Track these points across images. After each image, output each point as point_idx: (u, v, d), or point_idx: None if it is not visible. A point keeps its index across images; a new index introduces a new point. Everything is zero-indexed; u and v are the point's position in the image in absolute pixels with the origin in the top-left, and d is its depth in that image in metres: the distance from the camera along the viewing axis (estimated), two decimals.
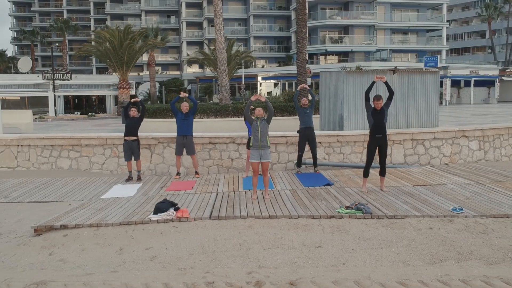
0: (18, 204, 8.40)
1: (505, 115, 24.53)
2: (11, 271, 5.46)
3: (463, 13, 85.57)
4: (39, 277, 5.21)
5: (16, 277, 5.24)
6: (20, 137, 11.59)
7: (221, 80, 18.50)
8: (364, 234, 6.09)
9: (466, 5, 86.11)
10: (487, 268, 5.20)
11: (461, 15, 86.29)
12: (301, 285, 4.76)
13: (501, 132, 12.66)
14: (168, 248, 5.82)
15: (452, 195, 7.81)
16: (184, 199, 7.87)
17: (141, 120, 10.31)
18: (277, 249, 5.69)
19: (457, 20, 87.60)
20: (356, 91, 11.80)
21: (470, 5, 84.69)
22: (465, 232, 6.19)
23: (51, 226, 6.43)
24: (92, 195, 8.72)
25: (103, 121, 23.62)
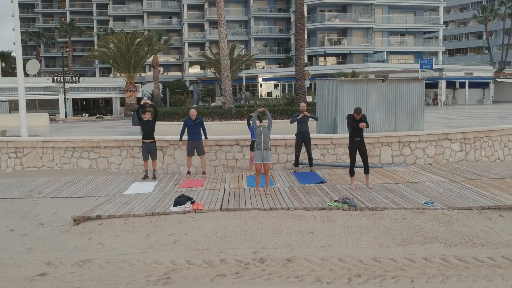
0: (51, 199, 9.64)
1: (494, 116, 25.73)
2: (60, 252, 6.70)
3: (460, 14, 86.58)
4: (84, 257, 6.45)
5: (66, 257, 6.49)
6: (45, 140, 12.83)
7: (225, 85, 19.76)
8: (348, 223, 7.34)
9: (463, 6, 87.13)
10: (446, 249, 6.45)
11: (459, 16, 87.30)
12: (295, 261, 6.01)
13: (481, 135, 13.89)
14: (187, 234, 7.07)
15: (428, 191, 9.06)
16: (197, 195, 9.11)
17: (155, 122, 11.42)
18: (277, 234, 6.95)
19: (455, 21, 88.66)
20: (349, 98, 13.03)
21: (468, 6, 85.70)
22: (433, 221, 7.44)
23: (88, 216, 7.69)
24: (114, 191, 9.96)
25: (112, 123, 24.86)
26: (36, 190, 10.25)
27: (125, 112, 28.28)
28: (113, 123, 24.55)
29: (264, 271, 5.76)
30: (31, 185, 10.82)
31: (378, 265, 5.90)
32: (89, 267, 6.10)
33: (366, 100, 13.18)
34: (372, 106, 13.22)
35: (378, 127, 13.27)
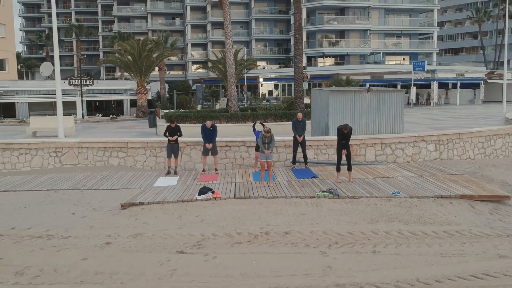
0: (95, 190, 11.90)
1: (478, 118, 27.94)
2: (116, 228, 8.98)
3: (456, 14, 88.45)
4: (135, 231, 8.73)
5: (121, 231, 8.76)
6: (80, 141, 15.08)
7: (231, 91, 21.98)
8: (332, 207, 9.61)
9: (459, 7, 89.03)
10: (403, 226, 8.73)
11: (455, 16, 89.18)
12: (291, 233, 8.28)
13: (453, 137, 16.13)
14: (210, 215, 9.34)
15: (398, 184, 11.32)
16: (214, 186, 11.36)
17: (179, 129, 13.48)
18: (278, 215, 9.22)
19: (451, 21, 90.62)
20: (338, 106, 15.28)
21: (463, 7, 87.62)
22: (397, 207, 9.71)
23: (132, 202, 9.96)
24: (145, 184, 12.22)
25: (126, 123, 27.10)
26: (80, 183, 12.51)
27: (137, 113, 30.51)
28: (128, 124, 26.78)
29: (269, 240, 8.04)
30: (74, 179, 13.08)
31: (351, 236, 8.18)
32: (140, 238, 8.38)
33: (353, 108, 15.44)
34: (359, 112, 15.47)
35: (364, 130, 15.52)
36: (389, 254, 7.52)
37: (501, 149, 17.33)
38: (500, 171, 13.95)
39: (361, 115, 15.44)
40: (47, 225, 9.33)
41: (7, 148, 14.91)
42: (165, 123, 21.23)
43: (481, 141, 16.77)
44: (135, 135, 20.76)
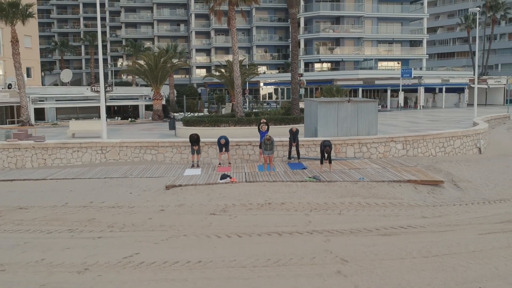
0: (140, 178, 15.88)
1: (452, 121, 31.94)
2: (164, 202, 12.99)
3: (448, 20, 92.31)
4: (178, 203, 12.74)
5: (169, 203, 12.77)
6: (121, 141, 19.07)
7: (237, 99, 25.97)
8: (315, 188, 13.62)
9: (451, 13, 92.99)
10: (362, 199, 12.74)
11: (447, 22, 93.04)
12: (285, 204, 12.31)
13: (418, 138, 20.11)
14: (229, 193, 13.36)
15: (365, 173, 15.32)
16: (230, 174, 15.35)
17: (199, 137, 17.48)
18: (276, 193, 13.24)
19: (443, 26, 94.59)
20: (325, 113, 19.28)
21: (455, 13, 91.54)
22: (361, 188, 13.72)
23: (173, 185, 13.97)
24: (177, 174, 16.20)
25: (145, 126, 31.07)
26: (127, 173, 16.51)
27: (153, 116, 34.50)
28: (147, 126, 30.76)
29: (270, 207, 12.07)
30: (121, 170, 17.07)
31: (325, 205, 12.20)
32: (183, 207, 12.39)
33: (337, 115, 19.44)
34: (342, 118, 19.48)
35: (345, 133, 19.52)
36: (349, 215, 11.55)
37: (459, 148, 21.31)
38: (450, 165, 17.95)
39: (343, 121, 19.45)
40: (115, 200, 13.34)
41: (63, 146, 18.91)
42: (182, 126, 25.19)
43: (442, 142, 20.74)
44: (157, 136, 24.71)
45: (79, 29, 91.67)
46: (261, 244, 9.71)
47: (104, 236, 10.48)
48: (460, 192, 14.14)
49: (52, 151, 18.84)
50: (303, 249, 9.41)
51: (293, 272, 8.42)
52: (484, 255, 9.39)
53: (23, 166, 18.72)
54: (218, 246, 9.64)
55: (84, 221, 11.52)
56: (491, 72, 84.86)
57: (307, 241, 9.88)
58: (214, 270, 8.55)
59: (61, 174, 16.75)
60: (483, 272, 8.58)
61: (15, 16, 27.76)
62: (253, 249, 9.45)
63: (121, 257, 9.20)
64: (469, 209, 12.47)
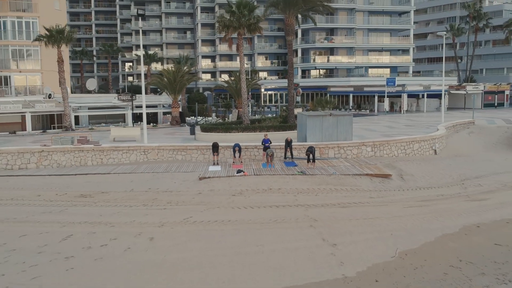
0: (178, 173, 22.12)
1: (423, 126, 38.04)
2: (199, 188, 19.30)
3: (437, 27, 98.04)
4: (209, 188, 19.05)
5: (203, 189, 19.09)
6: (159, 145, 25.30)
7: (244, 109, 32.12)
8: (302, 179, 19.92)
9: (440, 20, 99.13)
10: (333, 186, 19.06)
11: (436, 29, 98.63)
12: (281, 189, 18.66)
13: (384, 143, 26.32)
14: (243, 183, 19.66)
15: (338, 169, 21.55)
16: (243, 170, 21.57)
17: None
18: (275, 182, 19.59)
19: (433, 33, 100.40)
20: (313, 124, 25.49)
21: (444, 20, 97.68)
22: (333, 179, 20.01)
23: (204, 177, 20.26)
24: (203, 170, 22.40)
25: (166, 130, 37.24)
26: (167, 169, 22.74)
27: (171, 121, 40.72)
28: (168, 131, 36.93)
29: (271, 191, 18.39)
30: (162, 167, 23.30)
31: (307, 190, 18.50)
32: (213, 191, 18.69)
33: (322, 125, 25.66)
34: (325, 128, 25.70)
35: (328, 139, 25.72)
36: (322, 196, 17.83)
37: (418, 150, 27.52)
38: (404, 164, 24.17)
39: (326, 130, 25.68)
40: (165, 187, 19.57)
41: (115, 149, 25.17)
42: (200, 131, 31.29)
43: (403, 145, 26.98)
44: (180, 140, 30.83)
45: (91, 35, 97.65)
46: (265, 212, 15.99)
47: (167, 208, 16.76)
48: (402, 182, 20.42)
49: (107, 153, 25.10)
50: (291, 215, 15.69)
51: (285, 226, 14.72)
52: (401, 219, 15.68)
53: (85, 164, 24.96)
54: (239, 213, 15.92)
55: (150, 200, 17.79)
56: (476, 76, 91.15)
57: (294, 211, 16.16)
58: (238, 225, 14.86)
59: (119, 169, 23.03)
60: (397, 226, 14.87)
61: (61, 40, 33.95)
62: (261, 215, 15.73)
63: (181, 219, 15.49)
64: (403, 193, 18.76)
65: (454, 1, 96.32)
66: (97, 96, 44.10)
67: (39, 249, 13.25)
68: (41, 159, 24.50)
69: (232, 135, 28.96)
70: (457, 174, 22.51)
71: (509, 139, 33.76)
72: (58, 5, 46.79)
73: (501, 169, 24.52)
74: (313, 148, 22.20)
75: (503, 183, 21.17)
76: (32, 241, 13.90)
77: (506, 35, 71.90)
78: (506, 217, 16.35)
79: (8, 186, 20.55)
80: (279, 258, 12.44)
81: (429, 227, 14.88)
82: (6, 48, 42.79)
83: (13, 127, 36.79)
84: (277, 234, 14.07)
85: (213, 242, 13.58)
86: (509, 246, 13.75)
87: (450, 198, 18.42)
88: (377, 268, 12.08)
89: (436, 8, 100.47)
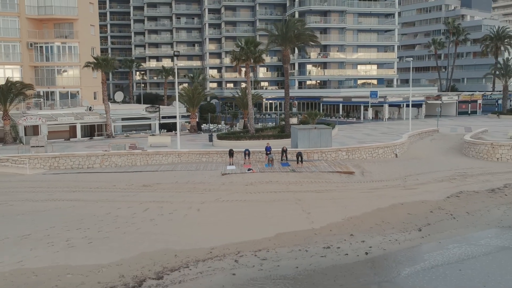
0: (205, 170, 31.18)
1: (395, 134, 47.02)
2: (223, 180, 28.42)
3: (424, 39, 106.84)
4: (230, 181, 28.22)
5: (225, 181, 28.23)
6: (189, 150, 34.32)
7: (250, 121, 41.08)
8: (292, 175, 29.05)
9: (427, 32, 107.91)
10: (313, 179, 28.16)
11: (423, 40, 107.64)
12: (278, 182, 27.81)
13: (355, 148, 35.33)
14: (252, 177, 28.79)
15: (319, 168, 30.58)
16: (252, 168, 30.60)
17: None
18: (274, 177, 28.74)
19: (421, 44, 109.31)
20: (302, 135, 34.54)
21: (430, 32, 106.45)
22: (314, 175, 29.10)
23: (225, 173, 29.38)
24: (223, 168, 31.39)
25: (188, 137, 46.20)
26: (197, 168, 31.79)
27: (189, 129, 49.78)
28: (188, 137, 45.91)
29: (271, 183, 27.53)
30: (193, 166, 32.35)
31: (296, 182, 27.63)
32: (232, 183, 27.78)
33: (309, 135, 34.71)
34: (311, 137, 34.75)
35: (313, 145, 34.74)
36: (305, 186, 26.95)
37: (382, 154, 36.53)
38: (368, 164, 33.18)
39: (312, 139, 34.72)
40: (200, 180, 28.64)
41: (157, 153, 34.22)
42: (216, 139, 40.21)
43: (370, 150, 36.02)
44: (200, 146, 39.75)
45: (106, 46, 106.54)
46: (267, 195, 25.08)
47: (204, 193, 25.84)
48: (362, 177, 29.45)
49: (151, 156, 34.15)
50: (283, 197, 24.80)
51: (280, 203, 23.86)
52: (354, 199, 24.73)
53: (135, 164, 33.95)
54: (250, 196, 24.99)
55: (191, 188, 26.84)
56: (458, 84, 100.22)
57: (286, 195, 25.26)
58: (249, 202, 24.00)
59: (162, 168, 32.09)
60: (350, 204, 23.97)
61: (107, 66, 43.06)
62: (264, 197, 24.84)
63: (214, 199, 24.59)
64: (360, 184, 27.80)
65: (438, 16, 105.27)
66: (129, 108, 53.14)
67: (132, 215, 22.32)
68: (103, 161, 33.54)
69: (241, 142, 37.97)
70: (404, 172, 31.50)
71: (460, 145, 42.70)
72: (93, 31, 55.90)
73: (441, 168, 33.47)
74: (301, 152, 31.30)
75: (435, 178, 30.18)
76: (125, 211, 22.96)
77: (482, 49, 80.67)
78: (423, 199, 25.42)
79: (89, 179, 29.60)
80: (276, 220, 21.53)
81: (369, 204, 23.95)
82: (53, 68, 51.88)
83: (63, 135, 45.79)
84: (274, 207, 23.17)
85: (235, 212, 22.69)
86: (416, 215, 22.85)
87: (391, 188, 27.49)
88: (332, 224, 21.19)
89: (423, 21, 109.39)
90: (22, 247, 18.32)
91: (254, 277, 16.28)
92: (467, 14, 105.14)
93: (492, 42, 77.79)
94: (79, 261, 17.14)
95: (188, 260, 17.40)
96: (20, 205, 24.06)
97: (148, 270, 16.55)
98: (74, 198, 25.43)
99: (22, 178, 30.11)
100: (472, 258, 18.09)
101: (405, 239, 19.91)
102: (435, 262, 17.63)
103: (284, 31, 39.82)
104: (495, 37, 77.38)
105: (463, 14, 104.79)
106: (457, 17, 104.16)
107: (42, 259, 17.24)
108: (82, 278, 15.96)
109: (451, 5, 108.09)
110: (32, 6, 50.10)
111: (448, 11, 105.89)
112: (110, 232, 20.08)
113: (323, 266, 17.21)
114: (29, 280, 15.68)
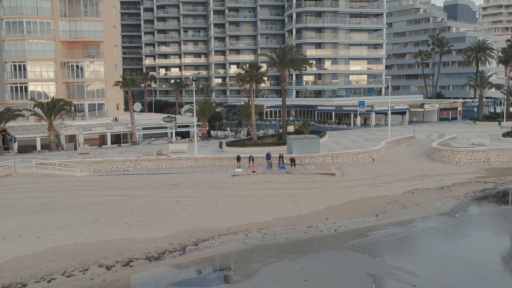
0: (218, 172, 39.40)
1: (377, 140, 55.21)
2: (233, 180, 36.68)
3: (414, 48, 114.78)
4: (238, 180, 36.51)
5: (235, 181, 36.48)
6: (205, 156, 42.57)
7: (253, 129, 49.27)
8: (287, 176, 37.34)
9: (417, 42, 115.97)
10: (302, 179, 36.43)
11: (413, 49, 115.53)
12: (276, 181, 36.07)
13: (339, 154, 43.53)
14: (255, 178, 37.10)
15: (308, 170, 38.76)
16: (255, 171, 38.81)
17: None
18: (273, 178, 37.03)
19: (411, 53, 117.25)
20: (295, 143, 42.76)
21: (419, 42, 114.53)
22: (303, 175, 37.35)
23: (235, 174, 37.67)
24: (232, 171, 39.61)
25: (200, 144, 54.30)
26: (212, 170, 40.02)
27: (201, 136, 58.04)
28: (201, 144, 54.07)
29: (270, 182, 35.83)
30: (208, 169, 40.58)
31: (289, 181, 35.90)
32: (240, 182, 36.04)
33: (301, 144, 42.95)
34: (303, 145, 42.97)
35: (305, 152, 42.94)
36: (297, 184, 35.23)
37: (361, 158, 44.71)
38: (349, 167, 41.36)
39: (303, 146, 42.94)
40: (215, 180, 36.88)
41: (179, 158, 42.44)
42: (225, 146, 48.35)
43: (351, 155, 44.22)
44: (212, 152, 47.86)
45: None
46: (267, 191, 33.38)
47: (220, 190, 34.13)
48: (341, 177, 37.66)
49: (174, 161, 42.39)
50: (279, 192, 33.11)
51: (276, 197, 32.20)
52: (332, 194, 33.07)
53: (161, 168, 42.16)
54: (255, 192, 33.26)
55: (209, 186, 35.09)
56: (444, 91, 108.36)
57: (281, 191, 33.55)
58: (254, 196, 32.35)
59: (184, 170, 40.32)
60: (329, 197, 32.31)
61: (133, 84, 51.33)
62: (265, 192, 33.15)
63: (227, 194, 32.92)
64: (339, 183, 36.02)
65: (427, 27, 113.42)
66: (148, 118, 61.43)
67: (169, 206, 30.58)
68: (136, 165, 41.79)
69: (246, 149, 46.18)
70: (376, 173, 39.70)
71: (429, 150, 50.84)
72: (116, 51, 64.24)
73: (407, 170, 41.64)
74: (294, 158, 39.55)
75: (399, 178, 38.38)
76: (162, 203, 31.21)
77: (465, 59, 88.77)
78: (385, 194, 33.65)
79: (127, 180, 37.82)
80: (273, 209, 29.80)
81: (343, 197, 32.21)
82: (83, 84, 60.15)
83: (94, 142, 54.05)
84: (273, 200, 31.45)
85: (243, 203, 30.97)
86: (377, 205, 31.11)
87: (362, 186, 35.69)
88: (314, 212, 29.46)
89: (413, 32, 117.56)
90: (97, 227, 26.58)
91: (258, 245, 24.56)
92: (453, 26, 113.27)
93: (473, 53, 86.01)
94: (139, 235, 25.40)
95: (213, 234, 25.68)
96: (83, 199, 32.32)
97: (187, 240, 24.83)
98: (121, 194, 33.70)
99: (75, 179, 38.38)
100: (402, 233, 26.40)
101: (365, 222, 28.16)
102: (376, 236, 25.92)
103: (281, 57, 48.03)
104: (476, 49, 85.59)
105: (449, 25, 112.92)
106: (443, 28, 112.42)
107: (114, 235, 25.50)
108: (144, 245, 24.22)
109: (438, 17, 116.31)
110: (65, 30, 58.33)
111: (436, 23, 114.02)
112: (155, 217, 28.35)
113: (305, 237, 25.49)
114: (111, 246, 23.94)
